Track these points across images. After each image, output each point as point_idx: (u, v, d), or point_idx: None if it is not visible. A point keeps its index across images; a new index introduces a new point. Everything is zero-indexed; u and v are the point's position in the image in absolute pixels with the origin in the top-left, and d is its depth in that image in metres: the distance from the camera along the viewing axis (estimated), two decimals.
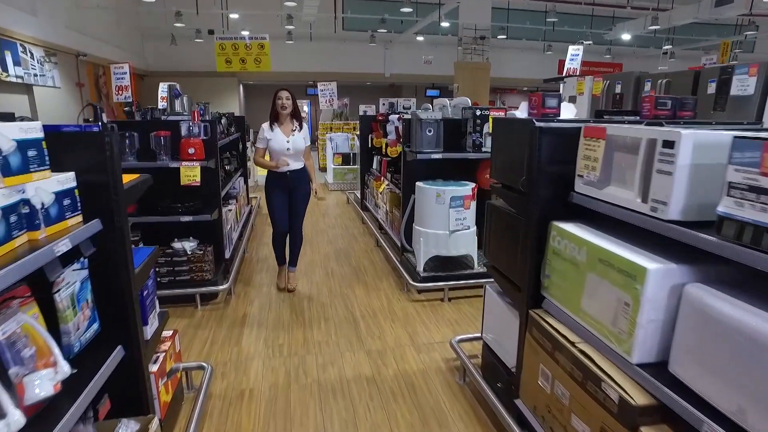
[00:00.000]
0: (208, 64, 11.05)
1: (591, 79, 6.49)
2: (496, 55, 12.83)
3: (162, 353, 2.16)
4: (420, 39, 13.26)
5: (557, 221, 1.92)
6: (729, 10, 8.76)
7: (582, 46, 8.57)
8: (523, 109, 2.58)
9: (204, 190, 3.82)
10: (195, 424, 2.24)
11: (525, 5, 11.98)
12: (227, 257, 4.25)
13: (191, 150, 3.62)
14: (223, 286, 3.86)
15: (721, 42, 9.68)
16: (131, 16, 11.34)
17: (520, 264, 2.15)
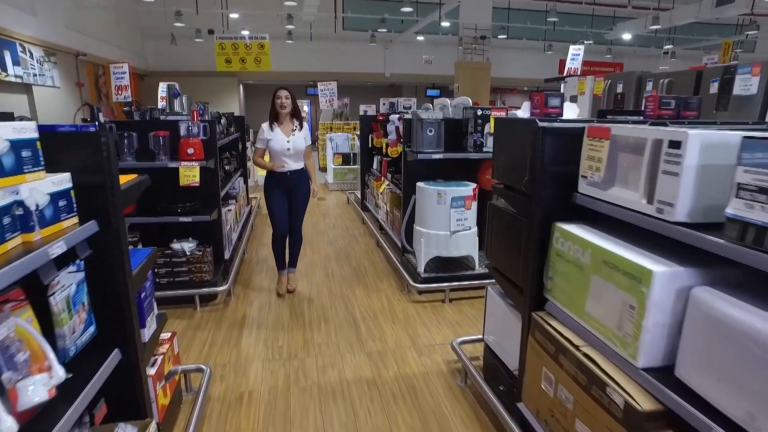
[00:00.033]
0: (208, 63, 11.02)
1: (592, 79, 6.46)
2: (496, 55, 12.81)
3: (160, 356, 2.14)
4: (420, 39, 13.23)
5: (560, 222, 1.90)
6: (730, 9, 8.73)
7: (583, 45, 8.54)
8: (525, 109, 2.55)
9: (203, 190, 3.79)
10: (193, 427, 2.21)
11: (525, 5, 11.95)
12: (227, 258, 4.22)
13: (190, 150, 3.60)
14: (223, 287, 3.83)
15: (723, 42, 9.64)
16: (131, 15, 11.31)
17: (522, 266, 2.12)
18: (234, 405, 2.56)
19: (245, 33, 9.66)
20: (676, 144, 1.38)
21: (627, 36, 12.37)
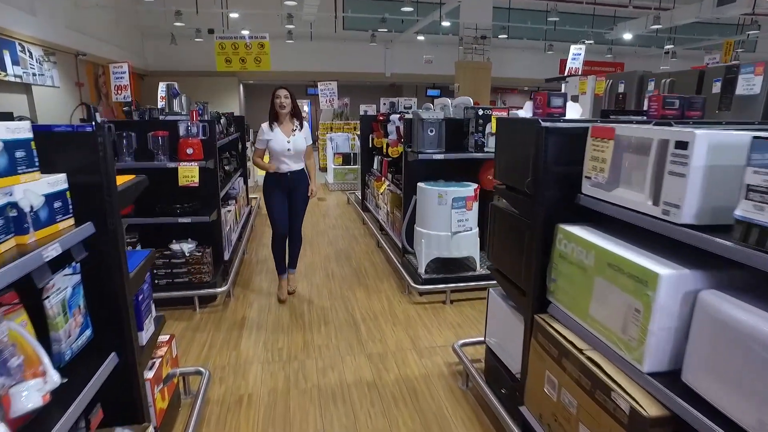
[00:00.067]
0: (208, 63, 11.00)
1: (593, 79, 6.43)
2: (497, 55, 12.78)
3: (158, 359, 2.11)
4: (421, 38, 13.21)
5: (563, 224, 1.87)
6: (731, 9, 8.70)
7: (584, 45, 8.51)
8: (528, 109, 2.53)
9: (202, 190, 3.77)
10: (192, 430, 2.19)
11: (526, 5, 11.92)
12: (226, 259, 4.20)
13: (189, 150, 3.57)
14: (222, 288, 3.81)
15: (724, 41, 9.62)
16: (131, 15, 11.29)
17: (524, 267, 2.10)
18: (233, 408, 2.54)
19: (245, 33, 9.64)
20: (682, 144, 1.36)
21: (628, 36, 12.34)
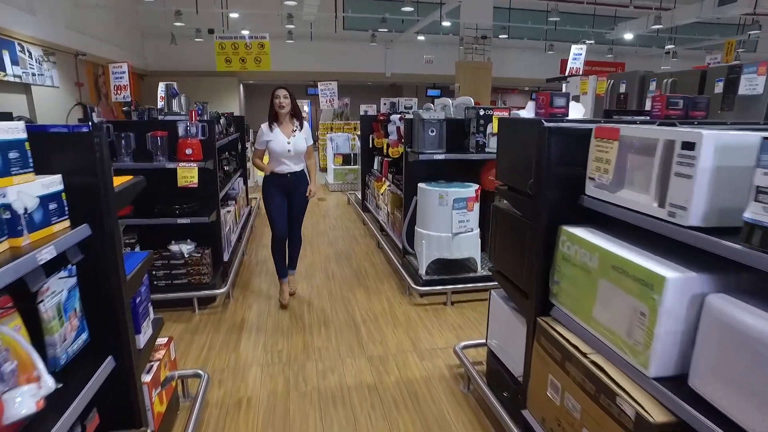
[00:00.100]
0: (208, 63, 10.96)
1: (595, 79, 6.41)
2: (497, 55, 12.76)
3: (156, 362, 2.09)
4: (421, 38, 13.18)
5: (567, 225, 1.85)
6: (732, 9, 8.66)
7: (585, 45, 8.49)
8: (530, 109, 2.50)
9: (202, 191, 3.74)
10: None
11: (527, 4, 11.89)
12: (225, 260, 4.17)
13: (188, 151, 3.55)
14: (222, 289, 3.78)
15: (726, 41, 9.59)
16: (131, 15, 11.27)
17: (527, 269, 2.07)
18: (232, 411, 2.51)
19: (245, 33, 9.62)
20: (689, 145, 1.33)
21: (628, 36, 12.31)
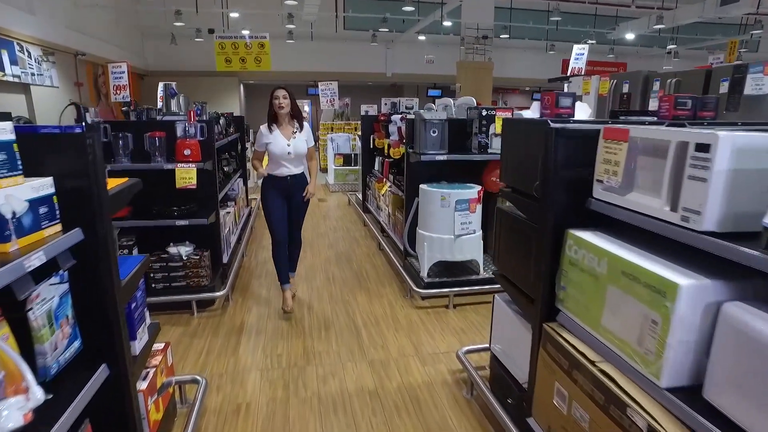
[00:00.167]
0: (208, 63, 10.91)
1: (597, 79, 6.35)
2: (498, 55, 12.69)
3: (152, 368, 2.04)
4: (422, 38, 13.13)
5: (573, 229, 1.80)
6: (735, 8, 8.60)
7: (587, 45, 8.44)
8: (535, 110, 2.45)
9: (200, 192, 3.69)
10: None
11: (528, 4, 11.84)
12: (225, 262, 4.12)
13: (187, 151, 3.50)
14: (221, 292, 3.73)
15: (729, 41, 9.54)
16: (130, 15, 11.23)
17: (532, 274, 2.02)
18: (231, 417, 2.46)
19: (245, 32, 9.57)
20: (704, 147, 1.28)
21: (630, 36, 12.25)
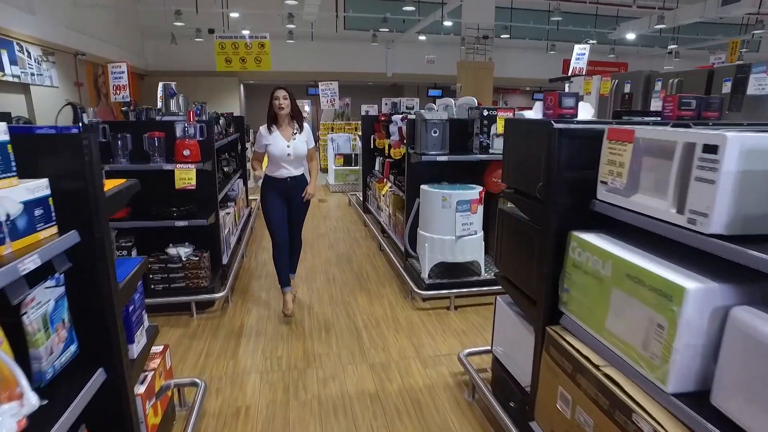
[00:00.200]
0: (208, 63, 10.89)
1: (599, 79, 6.33)
2: (499, 55, 12.67)
3: (150, 372, 2.01)
4: (422, 38, 13.10)
5: (577, 231, 1.77)
6: (736, 8, 8.56)
7: (588, 45, 8.42)
8: (537, 110, 2.42)
9: (200, 193, 3.66)
10: None
11: (528, 4, 11.81)
12: (224, 263, 4.10)
13: (186, 152, 3.48)
14: (220, 293, 3.71)
15: (730, 41, 9.51)
16: (130, 14, 11.20)
17: (535, 276, 2.00)
18: (230, 421, 2.44)
19: (245, 32, 9.55)
20: (711, 148, 1.25)
21: (631, 36, 12.22)
